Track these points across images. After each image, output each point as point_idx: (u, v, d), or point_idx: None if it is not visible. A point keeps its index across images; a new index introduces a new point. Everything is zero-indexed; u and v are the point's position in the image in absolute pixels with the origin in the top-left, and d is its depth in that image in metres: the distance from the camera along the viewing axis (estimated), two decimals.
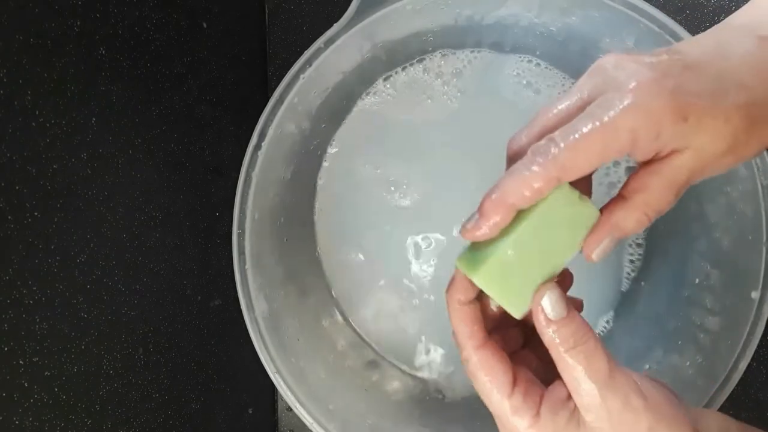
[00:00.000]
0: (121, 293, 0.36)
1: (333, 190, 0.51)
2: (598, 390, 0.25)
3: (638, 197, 0.26)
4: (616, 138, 0.24)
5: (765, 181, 0.39)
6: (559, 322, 0.26)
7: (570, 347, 0.26)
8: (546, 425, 0.26)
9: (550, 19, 0.44)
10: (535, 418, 0.27)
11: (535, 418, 0.27)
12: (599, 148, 0.24)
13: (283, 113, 0.42)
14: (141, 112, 0.37)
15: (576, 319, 0.26)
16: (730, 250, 0.42)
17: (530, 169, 0.25)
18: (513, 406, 0.27)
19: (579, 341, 0.26)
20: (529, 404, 0.27)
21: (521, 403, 0.27)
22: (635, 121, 0.24)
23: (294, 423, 0.55)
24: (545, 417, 0.26)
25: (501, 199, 0.26)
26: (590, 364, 0.26)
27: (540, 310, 0.27)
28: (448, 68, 0.50)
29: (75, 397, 0.32)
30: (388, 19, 0.42)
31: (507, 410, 0.27)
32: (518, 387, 0.27)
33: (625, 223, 0.26)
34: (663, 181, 0.25)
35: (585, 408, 0.26)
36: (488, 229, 0.26)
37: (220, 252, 0.45)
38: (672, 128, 0.24)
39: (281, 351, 0.42)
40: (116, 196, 0.35)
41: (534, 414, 0.27)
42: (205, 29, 0.45)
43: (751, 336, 0.39)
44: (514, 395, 0.27)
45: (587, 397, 0.26)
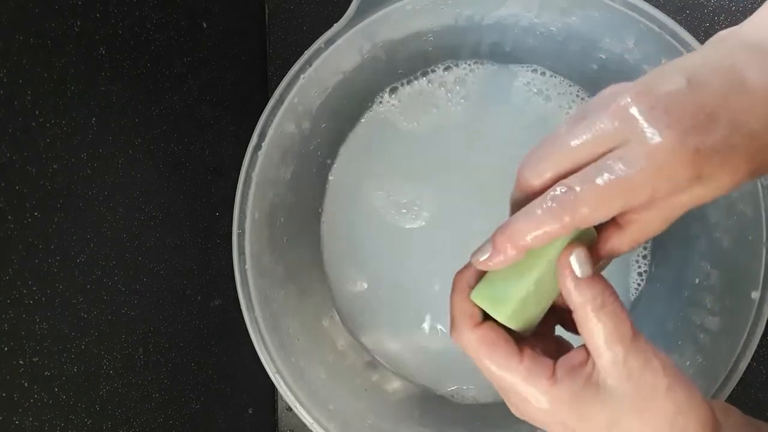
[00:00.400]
0: (121, 293, 0.36)
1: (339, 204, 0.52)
2: (622, 350, 0.25)
3: (634, 227, 0.26)
4: (635, 197, 0.24)
5: (765, 181, 0.39)
6: (587, 281, 0.26)
7: (597, 307, 0.26)
8: (563, 389, 0.26)
9: (550, 19, 0.44)
10: (551, 380, 0.26)
11: (551, 381, 0.26)
12: (619, 204, 0.24)
13: (283, 113, 0.42)
14: (141, 112, 0.37)
15: (602, 280, 0.27)
16: (730, 250, 0.42)
17: (548, 215, 0.25)
18: (526, 368, 0.26)
19: (606, 301, 0.26)
20: (542, 368, 0.26)
21: (534, 366, 0.26)
22: (656, 181, 0.23)
23: (294, 423, 0.55)
24: (562, 379, 0.26)
25: (515, 239, 0.26)
26: (616, 324, 0.26)
27: (567, 271, 0.26)
28: (451, 77, 0.50)
29: (75, 397, 0.32)
30: (388, 19, 0.42)
31: (520, 376, 0.26)
32: (526, 353, 0.27)
33: (620, 249, 0.27)
34: (660, 216, 0.26)
35: (606, 369, 0.26)
36: (500, 264, 0.27)
37: (220, 252, 0.45)
38: (687, 184, 0.24)
39: (281, 351, 0.42)
40: (116, 196, 0.35)
41: (549, 376, 0.26)
42: (205, 29, 0.45)
43: (751, 336, 0.39)
44: (525, 359, 0.27)
45: (610, 357, 0.25)
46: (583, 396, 0.26)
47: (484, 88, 0.50)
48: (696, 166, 0.23)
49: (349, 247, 0.51)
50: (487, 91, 0.50)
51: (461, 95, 0.50)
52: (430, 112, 0.51)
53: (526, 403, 0.27)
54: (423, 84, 0.51)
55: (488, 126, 0.50)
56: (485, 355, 0.27)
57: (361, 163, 0.51)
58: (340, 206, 0.52)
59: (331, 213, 0.52)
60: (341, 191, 0.52)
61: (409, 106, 0.51)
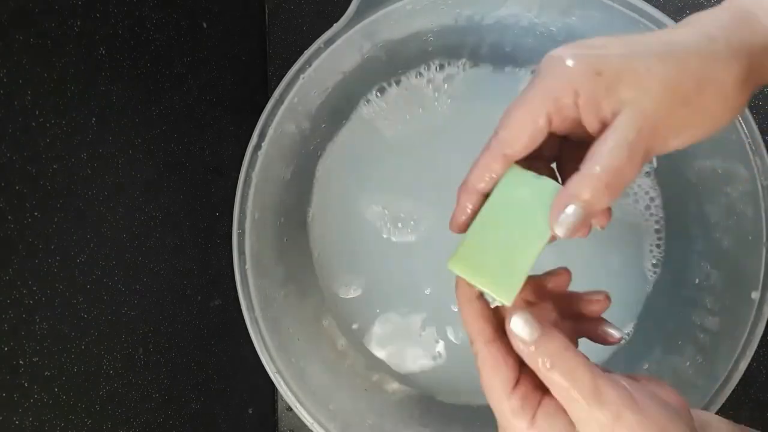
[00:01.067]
0: (121, 293, 0.36)
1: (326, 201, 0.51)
2: (586, 406, 0.25)
3: (588, 163, 0.26)
4: (539, 107, 0.26)
5: (765, 181, 0.39)
6: (534, 344, 0.26)
7: (549, 368, 0.26)
8: (543, 429, 0.27)
9: (550, 19, 0.44)
10: (531, 421, 0.27)
11: (531, 422, 0.27)
12: (529, 119, 0.26)
13: (283, 113, 0.42)
14: (141, 112, 0.37)
15: (552, 339, 0.26)
16: (730, 250, 0.42)
17: (482, 153, 0.28)
18: (512, 406, 0.27)
19: (557, 360, 0.26)
20: (527, 408, 0.27)
21: (519, 405, 0.27)
22: (549, 88, 0.26)
23: (294, 423, 0.55)
24: (541, 422, 0.27)
25: (465, 186, 0.29)
26: (574, 382, 0.25)
27: (514, 340, 0.27)
28: (441, 75, 0.50)
29: (75, 397, 0.32)
30: (388, 19, 0.42)
31: (506, 409, 0.27)
32: (519, 388, 0.27)
33: (580, 192, 0.26)
34: (610, 144, 0.25)
35: (578, 422, 0.26)
36: (464, 215, 0.29)
37: (220, 252, 0.45)
38: (588, 84, 0.25)
39: (281, 351, 0.42)
40: (116, 196, 0.35)
41: (530, 417, 0.27)
42: (205, 29, 0.45)
43: (751, 336, 0.39)
44: (513, 396, 0.27)
45: (576, 412, 0.26)
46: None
47: (473, 89, 0.50)
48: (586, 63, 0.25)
49: (337, 249, 0.51)
50: (476, 91, 0.50)
51: (448, 94, 0.50)
52: (416, 112, 0.50)
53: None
54: (412, 82, 0.50)
55: (474, 126, 0.50)
56: (486, 375, 0.28)
57: (347, 163, 0.51)
58: (327, 209, 0.51)
59: (320, 216, 0.51)
60: (327, 195, 0.51)
61: (395, 106, 0.50)
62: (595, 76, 0.25)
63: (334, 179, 0.51)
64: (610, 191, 0.25)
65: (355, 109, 0.50)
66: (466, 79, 0.50)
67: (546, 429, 0.26)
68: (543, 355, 0.26)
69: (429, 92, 0.50)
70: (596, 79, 0.25)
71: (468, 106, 0.50)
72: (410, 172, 0.50)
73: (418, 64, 0.50)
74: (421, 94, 0.50)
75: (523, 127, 0.27)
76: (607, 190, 0.25)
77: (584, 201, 0.26)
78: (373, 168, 0.50)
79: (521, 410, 0.27)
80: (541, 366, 0.26)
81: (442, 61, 0.50)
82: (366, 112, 0.50)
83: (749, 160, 0.39)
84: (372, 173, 0.50)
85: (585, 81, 0.25)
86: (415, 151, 0.50)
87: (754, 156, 0.39)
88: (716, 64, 0.25)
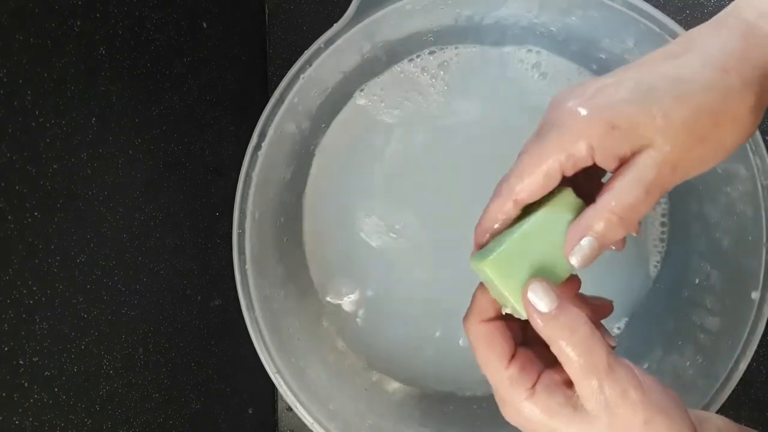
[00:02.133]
0: (121, 293, 0.36)
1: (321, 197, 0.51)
2: (597, 381, 0.25)
3: (605, 197, 0.26)
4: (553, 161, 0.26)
5: (765, 181, 0.39)
6: (552, 315, 0.26)
7: (567, 338, 0.26)
8: (538, 403, 0.27)
9: (550, 19, 0.44)
10: (529, 391, 0.27)
11: (529, 392, 0.27)
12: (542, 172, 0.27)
13: (283, 113, 0.42)
14: (141, 112, 0.37)
15: (569, 310, 0.26)
16: (730, 250, 0.42)
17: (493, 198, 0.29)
18: (510, 375, 0.27)
19: (575, 332, 0.26)
20: (525, 377, 0.27)
21: (518, 375, 0.27)
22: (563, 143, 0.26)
23: (294, 423, 0.55)
24: (540, 393, 0.27)
25: (480, 227, 0.30)
26: (588, 355, 0.26)
27: (530, 309, 0.27)
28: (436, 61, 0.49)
29: (75, 397, 0.32)
30: (388, 19, 0.42)
31: (504, 379, 0.28)
32: (516, 359, 0.28)
33: (594, 224, 0.26)
34: (628, 181, 0.26)
35: (583, 396, 0.26)
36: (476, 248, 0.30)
37: (220, 252, 0.45)
38: (604, 139, 0.25)
39: (281, 351, 0.42)
40: (116, 196, 0.35)
41: (529, 387, 0.27)
42: (205, 29, 0.45)
43: (751, 336, 0.39)
44: (511, 366, 0.28)
45: (586, 387, 0.26)
46: (559, 415, 0.26)
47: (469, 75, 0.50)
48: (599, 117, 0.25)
49: (331, 252, 0.51)
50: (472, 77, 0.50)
51: (445, 81, 0.50)
52: (413, 99, 0.50)
53: (505, 406, 0.29)
54: (406, 68, 0.50)
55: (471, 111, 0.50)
56: (480, 351, 0.29)
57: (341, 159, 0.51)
58: (321, 209, 0.51)
59: (312, 216, 0.51)
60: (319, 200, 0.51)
61: (389, 94, 0.50)
62: (611, 130, 0.25)
63: (328, 176, 0.51)
64: (625, 225, 0.26)
65: (350, 100, 0.50)
66: (460, 62, 0.50)
67: (545, 399, 0.27)
68: (561, 326, 0.26)
69: (425, 79, 0.50)
70: (612, 133, 0.25)
71: (463, 88, 0.50)
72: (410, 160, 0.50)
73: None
74: (416, 80, 0.50)
75: (536, 179, 0.27)
76: (622, 223, 0.26)
77: (598, 234, 0.26)
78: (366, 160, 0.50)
79: (520, 379, 0.27)
80: (560, 337, 0.26)
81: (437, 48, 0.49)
82: (361, 102, 0.50)
83: (749, 160, 0.39)
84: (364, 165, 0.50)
85: (601, 136, 0.25)
86: (410, 141, 0.50)
87: (754, 156, 0.39)
88: (731, 99, 0.25)
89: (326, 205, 0.51)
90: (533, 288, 0.27)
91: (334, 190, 0.50)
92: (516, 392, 0.27)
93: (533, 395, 0.27)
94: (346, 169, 0.50)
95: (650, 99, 0.25)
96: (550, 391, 0.27)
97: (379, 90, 0.50)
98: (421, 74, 0.49)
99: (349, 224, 0.50)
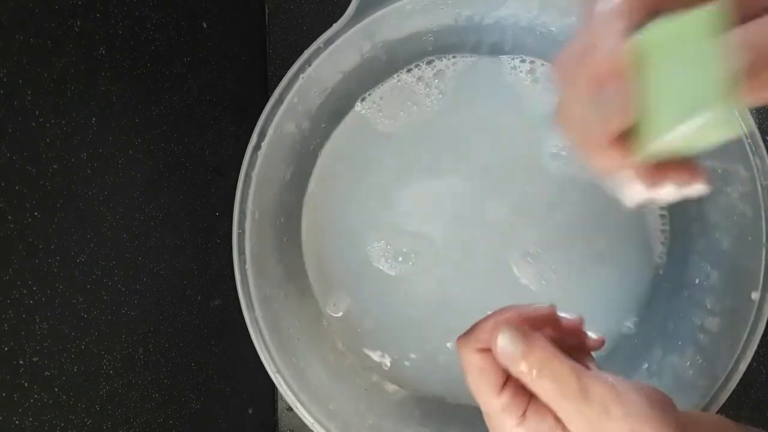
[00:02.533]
0: (121, 293, 0.36)
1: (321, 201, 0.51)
2: (574, 406, 0.26)
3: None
4: None
5: (765, 181, 0.39)
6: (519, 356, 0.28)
7: (535, 376, 0.27)
8: (531, 428, 0.27)
9: (550, 19, 0.44)
10: (521, 418, 0.28)
11: (521, 419, 0.28)
12: None
13: (283, 113, 0.42)
14: (141, 112, 0.37)
15: (536, 349, 0.28)
16: (730, 251, 0.42)
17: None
18: (501, 403, 0.28)
19: (543, 368, 0.27)
20: (516, 405, 0.28)
21: (509, 403, 0.28)
22: None
23: (294, 423, 0.55)
24: (530, 420, 0.28)
25: None
26: (560, 385, 0.27)
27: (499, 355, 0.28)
28: (433, 71, 0.50)
29: (75, 397, 0.32)
30: (388, 19, 0.42)
31: (496, 407, 0.28)
32: (508, 388, 0.28)
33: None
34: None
35: (567, 422, 0.27)
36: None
37: (220, 252, 0.45)
38: None
39: (281, 351, 0.42)
40: (116, 196, 0.35)
41: (519, 415, 0.28)
42: (205, 29, 0.45)
43: (751, 336, 0.39)
44: (503, 394, 0.28)
45: (565, 413, 0.27)
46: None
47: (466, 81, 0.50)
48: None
49: (327, 257, 0.51)
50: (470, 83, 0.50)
51: (440, 90, 0.50)
52: (410, 108, 0.50)
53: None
54: (403, 79, 0.50)
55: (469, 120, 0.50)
56: (473, 378, 0.29)
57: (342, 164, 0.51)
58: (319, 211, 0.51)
59: (312, 216, 0.51)
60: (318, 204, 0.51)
61: (387, 104, 0.50)
62: None
63: (328, 177, 0.51)
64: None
65: (351, 107, 0.50)
66: (456, 70, 0.50)
67: (536, 425, 0.27)
68: (530, 366, 0.27)
69: (420, 87, 0.50)
70: None
71: (459, 97, 0.50)
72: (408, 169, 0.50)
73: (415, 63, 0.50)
74: (412, 89, 0.50)
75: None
76: None
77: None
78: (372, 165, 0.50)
79: (511, 407, 0.28)
80: (528, 375, 0.27)
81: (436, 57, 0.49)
82: (361, 109, 0.50)
83: (749, 160, 0.39)
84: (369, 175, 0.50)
85: None
86: (411, 144, 0.50)
87: (754, 156, 0.39)
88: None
89: (326, 206, 0.51)
90: (501, 337, 0.28)
91: (334, 190, 0.50)
92: (508, 419, 0.28)
93: (524, 422, 0.28)
94: (346, 172, 0.50)
95: None
96: (540, 417, 0.28)
97: (378, 99, 0.50)
98: (416, 84, 0.50)
99: (350, 224, 0.50)
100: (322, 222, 0.51)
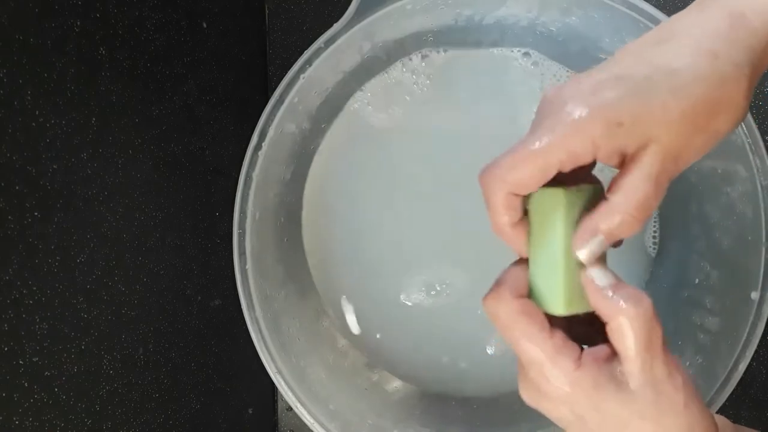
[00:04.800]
0: (121, 293, 0.36)
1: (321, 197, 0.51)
2: (650, 358, 0.26)
3: (615, 196, 0.26)
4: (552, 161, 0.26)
5: (765, 181, 0.39)
6: (615, 289, 0.26)
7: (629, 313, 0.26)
8: (587, 375, 0.26)
9: (550, 19, 0.44)
10: (577, 362, 0.26)
11: (577, 363, 0.26)
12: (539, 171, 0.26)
13: (283, 113, 0.42)
14: (141, 112, 0.37)
15: (628, 286, 0.27)
16: (730, 250, 0.42)
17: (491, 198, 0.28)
18: (555, 346, 0.26)
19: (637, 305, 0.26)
20: (570, 349, 0.27)
21: (563, 345, 0.27)
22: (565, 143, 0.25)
23: (294, 423, 0.55)
24: (588, 366, 0.26)
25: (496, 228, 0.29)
26: (648, 332, 0.26)
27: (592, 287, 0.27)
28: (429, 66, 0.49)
29: (75, 397, 0.32)
30: (388, 19, 0.42)
31: (548, 352, 0.26)
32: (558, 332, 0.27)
33: (604, 224, 0.26)
34: (635, 177, 0.25)
35: (631, 373, 0.26)
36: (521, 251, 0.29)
37: (220, 252, 0.45)
38: (609, 138, 0.25)
39: (281, 351, 0.42)
40: (116, 196, 0.35)
41: (576, 359, 0.26)
42: (205, 29, 0.45)
43: (751, 336, 0.39)
44: (556, 334, 0.27)
45: (638, 363, 0.26)
46: (605, 389, 0.26)
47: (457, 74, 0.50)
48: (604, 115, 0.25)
49: (330, 254, 0.50)
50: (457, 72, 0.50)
51: (433, 83, 0.49)
52: (403, 102, 0.50)
53: (545, 383, 0.27)
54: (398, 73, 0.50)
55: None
56: (519, 326, 0.27)
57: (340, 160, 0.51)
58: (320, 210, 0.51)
59: (312, 216, 0.51)
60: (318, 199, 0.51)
61: (381, 98, 0.50)
62: (615, 127, 0.25)
63: (328, 177, 0.51)
64: (639, 222, 0.26)
65: (345, 104, 0.50)
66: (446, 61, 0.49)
67: (594, 372, 0.26)
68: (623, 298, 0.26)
69: (416, 82, 0.50)
70: (617, 131, 0.25)
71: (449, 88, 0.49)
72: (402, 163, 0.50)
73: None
74: (403, 82, 0.49)
75: (533, 177, 0.26)
76: (635, 221, 0.26)
77: (609, 233, 0.26)
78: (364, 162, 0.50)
79: (565, 348, 0.27)
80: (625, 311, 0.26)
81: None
82: (355, 105, 0.50)
83: (749, 160, 0.39)
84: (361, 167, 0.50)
85: (606, 134, 0.25)
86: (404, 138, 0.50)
87: (753, 156, 0.39)
88: (726, 86, 0.25)
89: (326, 206, 0.51)
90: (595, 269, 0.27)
91: (334, 190, 0.50)
92: (561, 364, 0.26)
93: (581, 366, 0.26)
94: (345, 170, 0.50)
95: (648, 93, 0.25)
96: (596, 364, 0.26)
97: (372, 95, 0.50)
98: (411, 77, 0.49)
99: (349, 225, 0.50)
100: (323, 222, 0.51)
